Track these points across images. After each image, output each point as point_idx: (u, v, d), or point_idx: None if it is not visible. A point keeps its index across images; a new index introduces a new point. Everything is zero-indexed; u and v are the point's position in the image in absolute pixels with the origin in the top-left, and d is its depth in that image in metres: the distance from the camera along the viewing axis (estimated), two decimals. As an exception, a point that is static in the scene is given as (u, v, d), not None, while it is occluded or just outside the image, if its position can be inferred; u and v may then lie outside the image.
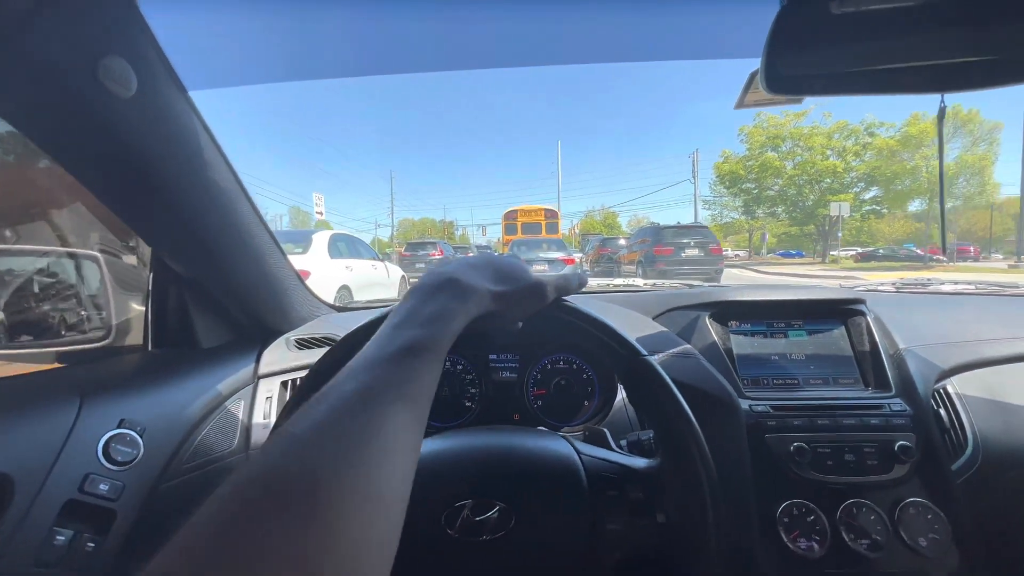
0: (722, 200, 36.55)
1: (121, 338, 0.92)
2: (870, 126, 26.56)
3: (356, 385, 0.30)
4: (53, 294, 0.91)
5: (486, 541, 0.51)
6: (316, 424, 0.27)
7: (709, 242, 11.23)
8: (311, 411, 0.28)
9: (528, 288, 0.47)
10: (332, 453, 0.25)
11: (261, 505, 0.22)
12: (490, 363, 0.97)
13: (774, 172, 28.12)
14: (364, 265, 6.88)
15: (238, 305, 0.97)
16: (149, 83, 0.57)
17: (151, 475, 0.68)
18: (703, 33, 0.76)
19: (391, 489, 0.27)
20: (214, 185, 0.73)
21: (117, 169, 0.62)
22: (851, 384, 0.86)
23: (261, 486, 0.23)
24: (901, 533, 0.70)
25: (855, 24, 0.52)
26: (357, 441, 0.26)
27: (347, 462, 0.25)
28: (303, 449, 0.25)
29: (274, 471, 0.24)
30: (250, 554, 0.20)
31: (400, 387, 0.31)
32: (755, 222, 34.70)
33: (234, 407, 0.86)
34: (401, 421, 0.29)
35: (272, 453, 0.25)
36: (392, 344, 0.34)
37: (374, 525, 0.25)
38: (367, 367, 0.32)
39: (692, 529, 0.50)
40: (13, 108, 0.53)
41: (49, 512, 0.56)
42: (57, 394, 0.64)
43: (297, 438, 0.26)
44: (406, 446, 0.29)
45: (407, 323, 0.37)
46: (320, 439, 0.26)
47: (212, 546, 0.21)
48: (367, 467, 0.26)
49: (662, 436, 0.55)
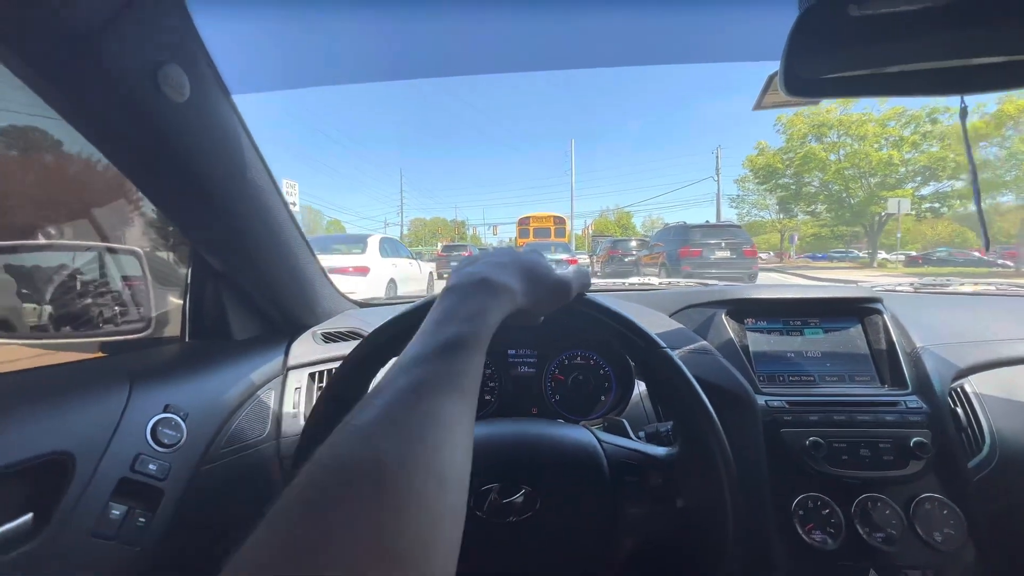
0: (750, 198, 33.52)
1: (160, 329, 0.97)
2: (932, 112, 22.21)
3: (409, 379, 0.32)
4: (97, 287, 0.96)
5: (512, 522, 0.53)
6: (376, 416, 0.29)
7: (742, 243, 10.34)
8: (369, 404, 0.30)
9: (553, 285, 0.49)
10: (395, 439, 0.27)
11: (335, 491, 0.24)
12: (509, 358, 1.00)
13: (818, 165, 24.44)
14: (403, 262, 7.95)
15: (269, 299, 1.01)
16: (200, 88, 0.60)
17: (194, 457, 0.72)
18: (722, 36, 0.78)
19: (452, 469, 0.29)
20: (252, 184, 0.77)
21: (167, 169, 0.66)
22: (867, 381, 0.87)
23: (333, 472, 0.25)
24: (916, 528, 0.71)
25: (874, 26, 0.53)
26: (417, 427, 0.28)
27: (409, 448, 0.27)
28: (367, 438, 0.27)
29: (343, 459, 0.26)
30: (329, 536, 0.22)
31: (450, 379, 0.33)
32: (789, 221, 31.88)
33: (265, 397, 0.90)
34: (454, 409, 0.31)
35: (338, 444, 0.27)
36: (437, 340, 0.36)
37: (439, 503, 0.26)
38: (416, 362, 0.34)
39: (710, 514, 0.52)
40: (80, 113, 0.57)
41: (106, 488, 0.60)
42: (110, 379, 0.69)
43: (360, 428, 0.28)
44: (460, 430, 0.31)
45: (448, 320, 0.39)
46: (382, 427, 0.28)
47: (294, 533, 0.22)
48: (427, 452, 0.28)
49: (681, 426, 0.57)
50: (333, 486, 0.25)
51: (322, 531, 0.22)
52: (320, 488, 0.25)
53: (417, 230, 64.78)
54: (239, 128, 0.71)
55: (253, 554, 0.22)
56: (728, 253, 10.15)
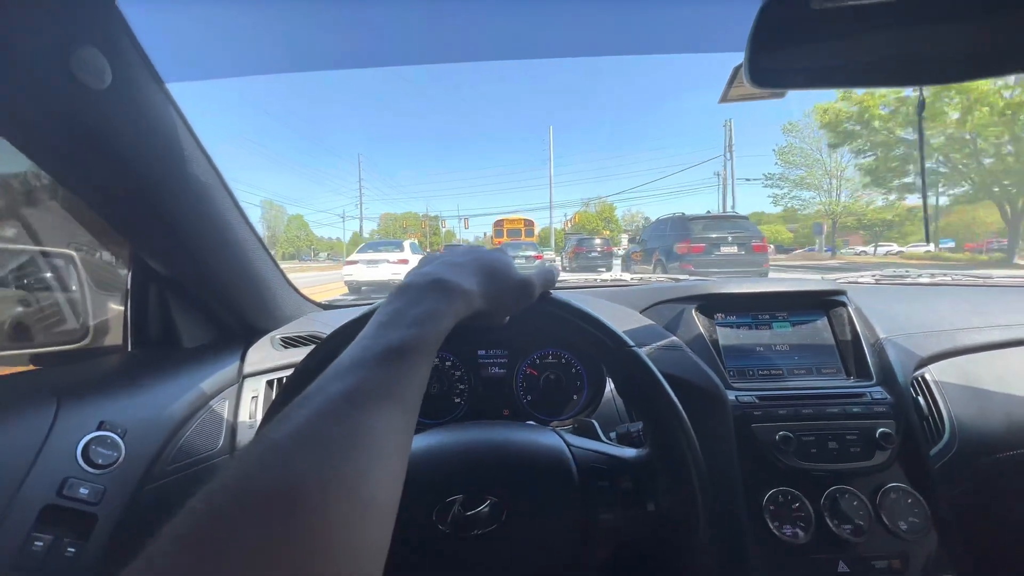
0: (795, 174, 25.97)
1: (99, 338, 0.90)
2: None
3: (342, 387, 0.28)
4: (26, 295, 0.88)
5: (478, 536, 0.51)
6: (298, 429, 0.25)
7: (751, 236, 8.99)
8: (292, 415, 0.26)
9: (515, 286, 0.47)
10: (316, 460, 0.24)
11: (234, 519, 0.21)
12: (479, 359, 0.97)
13: (938, 116, 15.82)
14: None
15: (221, 303, 0.95)
16: (124, 75, 0.55)
17: (134, 477, 0.66)
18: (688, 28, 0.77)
19: (380, 495, 0.26)
20: (194, 180, 0.71)
21: (92, 164, 0.60)
22: (833, 373, 0.88)
23: (235, 498, 0.22)
24: (883, 518, 0.72)
25: (835, 19, 0.52)
26: (343, 446, 0.25)
27: (332, 469, 0.24)
28: (283, 456, 0.23)
29: (250, 481, 0.22)
30: (219, 574, 0.19)
31: (388, 388, 0.30)
32: (886, 201, 21.82)
33: (219, 407, 0.84)
34: (390, 423, 0.28)
35: (248, 461, 0.24)
36: (378, 344, 0.33)
37: (362, 534, 0.23)
38: (353, 368, 0.30)
39: (682, 517, 0.50)
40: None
41: (26, 517, 0.55)
42: (32, 397, 0.63)
43: (276, 444, 0.24)
44: (396, 449, 0.28)
45: (394, 323, 0.35)
46: (302, 445, 0.24)
47: (177, 567, 0.19)
48: (354, 473, 0.24)
49: (651, 427, 0.56)
50: (232, 514, 0.21)
51: (212, 569, 0.19)
52: (215, 515, 0.21)
53: (387, 225, 63.48)
54: (176, 119, 0.65)
55: None
56: (735, 248, 8.78)
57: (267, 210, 57.78)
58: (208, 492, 0.22)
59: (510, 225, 27.48)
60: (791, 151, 27.44)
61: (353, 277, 10.02)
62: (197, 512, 0.21)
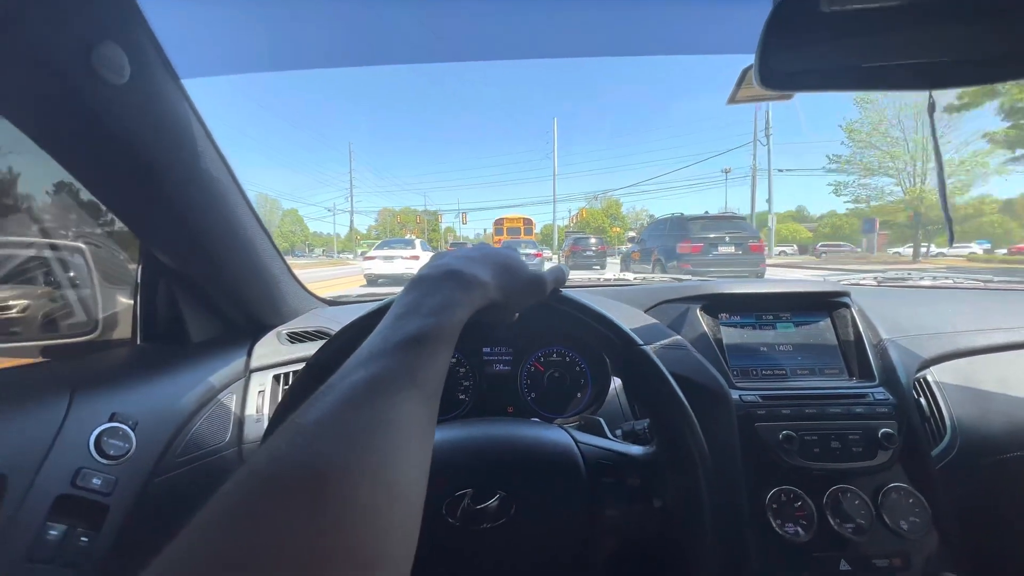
0: (866, 156, 20.07)
1: (109, 332, 0.90)
2: None
3: (364, 374, 0.29)
4: (37, 288, 0.89)
5: (487, 529, 0.51)
6: (324, 414, 0.26)
7: (748, 236, 9.32)
8: (318, 401, 0.27)
9: (528, 281, 0.47)
10: (341, 443, 0.24)
11: (265, 500, 0.22)
12: (484, 356, 0.98)
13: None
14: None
15: (229, 298, 0.95)
16: (142, 70, 0.55)
17: (144, 469, 0.67)
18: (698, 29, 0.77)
19: (405, 479, 0.26)
20: (206, 175, 0.72)
21: (108, 158, 0.61)
22: (836, 374, 0.88)
23: (265, 480, 0.23)
24: (884, 517, 0.72)
25: (846, 22, 0.53)
26: (367, 430, 0.26)
27: (357, 452, 0.24)
28: (310, 440, 0.24)
29: (279, 463, 0.23)
30: (252, 552, 0.20)
31: (409, 375, 0.30)
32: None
33: (227, 400, 0.85)
34: (412, 409, 0.29)
35: (277, 445, 0.24)
36: (398, 334, 0.33)
37: (390, 514, 0.24)
38: (374, 357, 0.31)
39: (687, 514, 0.51)
40: (5, 96, 0.51)
41: (41, 507, 0.55)
42: (46, 388, 0.63)
43: (304, 428, 0.25)
44: (418, 435, 0.29)
45: (412, 314, 0.36)
46: (328, 429, 0.25)
47: (213, 545, 0.20)
48: (379, 456, 0.25)
49: (657, 424, 0.56)
50: (265, 495, 0.22)
51: (245, 547, 0.20)
52: (250, 497, 0.22)
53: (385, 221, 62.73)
54: (190, 115, 0.66)
55: (165, 569, 0.19)
56: (733, 248, 9.08)
57: (261, 204, 57.39)
58: (238, 476, 0.23)
59: (510, 223, 30.06)
60: (865, 126, 21.13)
61: (372, 271, 11.90)
62: (228, 493, 0.22)
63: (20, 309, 0.86)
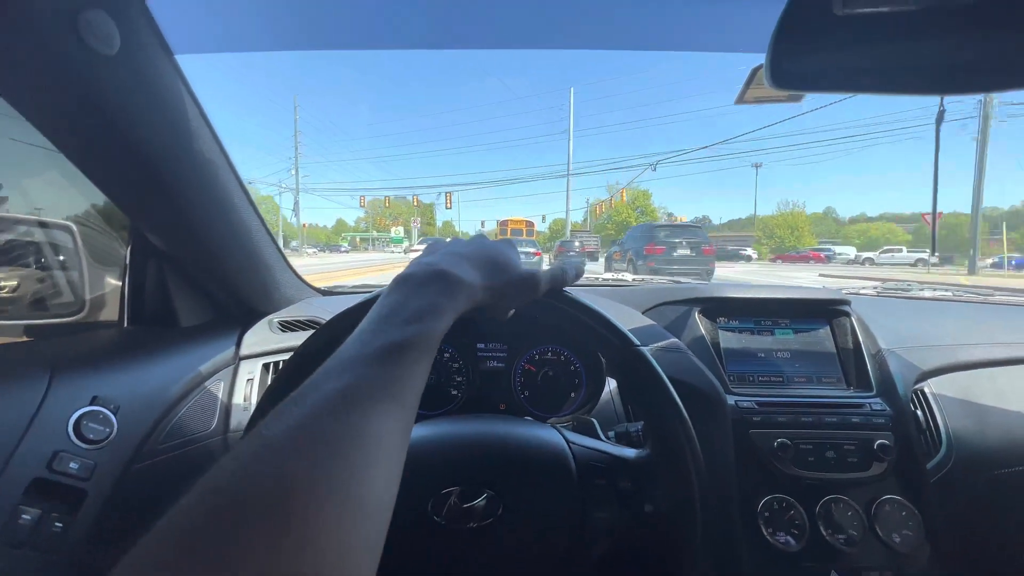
0: None
1: (95, 313, 0.88)
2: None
3: (338, 384, 0.28)
4: (22, 266, 0.86)
5: (473, 529, 0.50)
6: (292, 427, 0.25)
7: (701, 242, 11.60)
8: (287, 413, 0.26)
9: (519, 280, 0.45)
10: (309, 458, 0.23)
11: (226, 517, 0.20)
12: (478, 352, 0.96)
13: None
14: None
15: (220, 283, 0.94)
16: (133, 41, 0.53)
17: (125, 455, 0.65)
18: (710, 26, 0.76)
19: (375, 495, 0.25)
20: (199, 155, 0.70)
21: (96, 133, 0.59)
22: (834, 383, 0.87)
23: (227, 495, 0.21)
24: (876, 529, 0.71)
25: (858, 24, 0.52)
26: (337, 445, 0.25)
27: (325, 468, 0.23)
28: (276, 454, 0.23)
29: (243, 479, 0.22)
30: (210, 573, 0.19)
31: (386, 387, 0.29)
32: None
33: (214, 388, 0.83)
34: (386, 423, 0.28)
35: (242, 458, 0.23)
36: (376, 341, 0.32)
37: (355, 534, 0.23)
38: (349, 365, 0.30)
39: (679, 520, 0.50)
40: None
41: (15, 490, 0.54)
42: (25, 368, 0.61)
43: (270, 442, 0.24)
44: (392, 449, 0.27)
45: (392, 319, 0.34)
46: (296, 443, 0.24)
47: (168, 564, 0.19)
48: (348, 473, 0.24)
49: (652, 427, 0.55)
50: (223, 511, 0.21)
51: (201, 570, 0.19)
52: (207, 512, 0.21)
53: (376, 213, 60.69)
54: (183, 92, 0.64)
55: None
56: (688, 251, 11.39)
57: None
58: (199, 489, 0.22)
59: (513, 226, 33.17)
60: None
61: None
62: (187, 508, 0.21)
63: (5, 286, 0.84)
